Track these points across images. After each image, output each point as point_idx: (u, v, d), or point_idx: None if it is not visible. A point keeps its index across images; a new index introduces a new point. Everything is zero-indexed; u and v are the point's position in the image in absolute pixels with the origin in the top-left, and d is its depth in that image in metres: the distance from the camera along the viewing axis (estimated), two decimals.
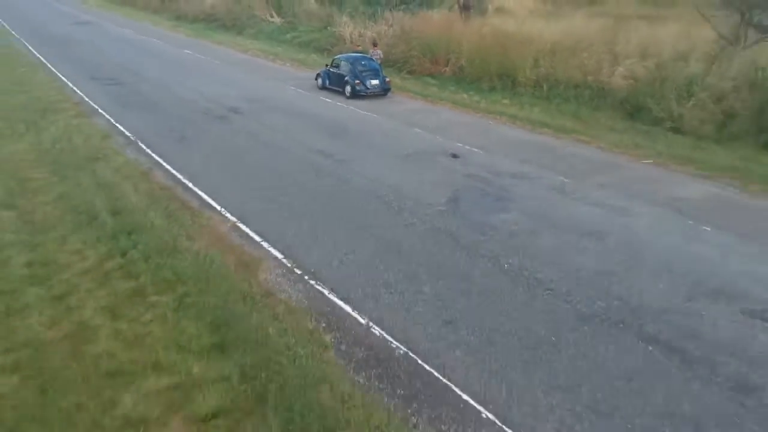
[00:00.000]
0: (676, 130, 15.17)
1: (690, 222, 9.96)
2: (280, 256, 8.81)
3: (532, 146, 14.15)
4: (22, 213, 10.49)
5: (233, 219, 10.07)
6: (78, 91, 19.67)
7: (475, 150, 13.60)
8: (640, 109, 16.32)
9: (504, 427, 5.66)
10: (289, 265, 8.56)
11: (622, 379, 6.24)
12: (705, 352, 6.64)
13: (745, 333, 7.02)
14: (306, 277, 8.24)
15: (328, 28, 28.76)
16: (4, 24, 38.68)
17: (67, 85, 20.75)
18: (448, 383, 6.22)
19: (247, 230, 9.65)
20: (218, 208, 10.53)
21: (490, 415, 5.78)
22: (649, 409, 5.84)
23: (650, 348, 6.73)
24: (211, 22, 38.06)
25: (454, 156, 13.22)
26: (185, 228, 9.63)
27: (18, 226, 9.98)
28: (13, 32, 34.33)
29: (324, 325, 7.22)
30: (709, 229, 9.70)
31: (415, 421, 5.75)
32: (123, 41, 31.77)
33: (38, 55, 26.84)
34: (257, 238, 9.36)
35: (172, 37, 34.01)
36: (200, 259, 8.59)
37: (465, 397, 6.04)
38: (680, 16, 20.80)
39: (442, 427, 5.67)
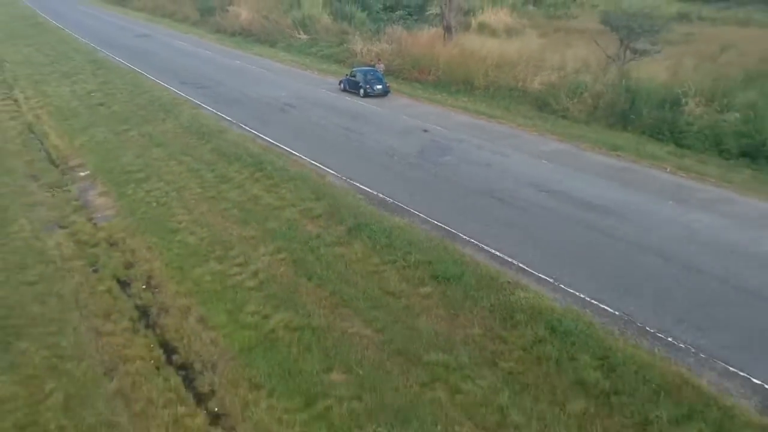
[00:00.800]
0: (564, 117, 24.96)
1: (540, 160, 19.77)
2: (333, 172, 18.70)
3: (472, 126, 23.96)
4: (194, 156, 20.42)
5: (307, 158, 19.95)
6: (180, 92, 29.59)
7: (438, 128, 23.42)
8: (546, 104, 26.11)
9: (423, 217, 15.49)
10: (339, 175, 18.45)
11: (474, 205, 16.04)
12: (514, 202, 16.43)
13: (536, 195, 16.79)
14: (348, 179, 18.11)
15: (343, 44, 38.66)
16: (79, 37, 48.68)
17: (169, 88, 30.66)
18: (402, 205, 16.03)
19: (316, 163, 19.54)
20: (297, 154, 20.42)
21: (419, 214, 15.58)
22: (485, 215, 15.64)
23: (491, 199, 16.53)
24: (248, 36, 47.95)
25: (425, 131, 23.05)
26: (285, 160, 19.55)
27: (195, 162, 19.90)
28: (97, 47, 44.21)
29: (360, 195, 17.06)
30: (547, 162, 19.51)
31: (389, 215, 15.55)
32: (184, 53, 41.70)
33: (130, 65, 36.76)
34: (322, 166, 19.24)
35: (219, 49, 43.85)
36: (298, 172, 18.49)
37: (410, 209, 15.83)
38: (588, 42, 30.57)
39: (399, 216, 15.50)
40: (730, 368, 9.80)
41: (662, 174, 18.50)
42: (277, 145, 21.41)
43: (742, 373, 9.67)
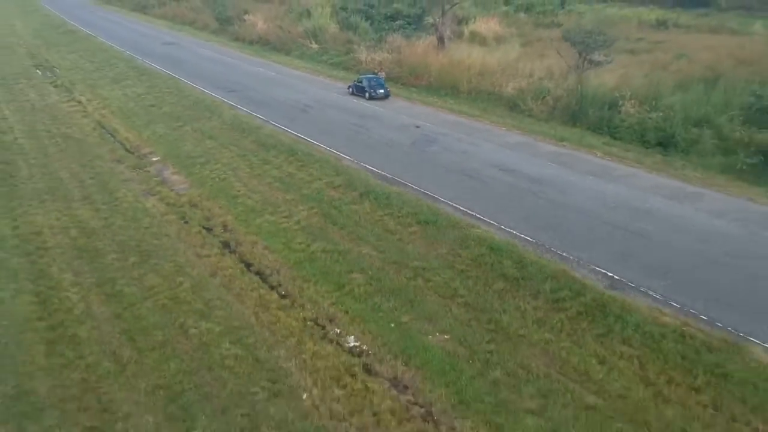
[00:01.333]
0: (529, 116, 31.33)
1: (504, 149, 26.15)
2: (347, 157, 25.12)
3: (455, 123, 30.33)
4: (239, 146, 26.86)
5: (326, 147, 26.36)
6: (216, 95, 36.02)
7: (428, 124, 29.80)
8: (516, 106, 32.48)
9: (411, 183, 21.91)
10: (351, 159, 24.87)
11: (450, 179, 22.42)
12: (479, 177, 22.80)
13: (496, 173, 23.16)
14: (359, 162, 24.51)
15: (350, 53, 45.08)
16: (114, 45, 55.17)
17: (206, 91, 37.11)
18: (398, 179, 22.44)
19: (333, 150, 25.97)
20: (319, 144, 26.84)
21: (410, 185, 21.98)
22: (453, 180, 22.04)
23: (463, 175, 22.91)
24: (265, 44, 54.37)
25: (417, 127, 29.44)
26: (311, 149, 26.00)
27: (241, 150, 26.33)
28: (133, 54, 50.67)
29: (367, 172, 23.43)
30: (509, 151, 25.89)
31: (388, 185, 21.95)
32: (211, 60, 48.14)
33: (167, 71, 43.20)
34: (338, 152, 25.66)
35: (241, 56, 50.28)
36: (321, 156, 24.92)
37: (403, 181, 22.22)
38: (555, 53, 36.88)
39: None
40: (598, 269, 16.18)
41: (593, 158, 24.89)
42: (302, 138, 27.85)
43: (600, 269, 16.06)
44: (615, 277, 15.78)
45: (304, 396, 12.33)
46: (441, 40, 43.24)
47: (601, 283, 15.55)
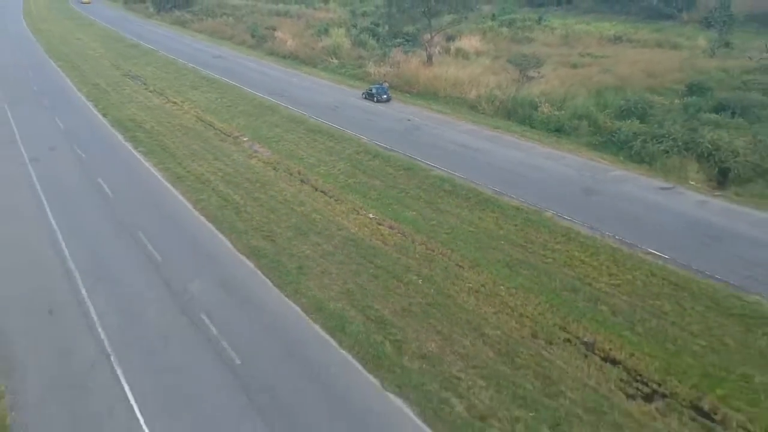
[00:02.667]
0: (483, 113, 48.11)
1: (461, 133, 42.92)
2: (365, 138, 41.96)
3: (434, 118, 47.13)
4: (297, 132, 43.78)
5: (351, 132, 43.18)
6: (271, 99, 52.91)
7: (416, 119, 46.62)
8: (474, 107, 49.29)
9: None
10: (367, 139, 41.71)
11: (425, 149, 39.22)
12: (444, 148, 39.58)
13: (453, 146, 39.90)
14: (372, 140, 41.33)
15: (362, 67, 61.99)
16: (177, 58, 72.19)
17: (263, 96, 53.97)
18: (395, 149, 39.29)
19: (356, 134, 42.81)
20: (346, 130, 43.74)
21: (402, 152, 38.84)
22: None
23: (434, 148, 39.70)
24: (294, 59, 71.34)
25: (408, 120, 46.28)
26: (342, 133, 42.92)
27: (298, 134, 43.24)
28: (196, 66, 67.59)
29: (378, 146, 40.23)
30: (464, 134, 42.72)
31: (390, 152, 38.80)
32: (256, 71, 65.07)
33: (228, 80, 60.10)
34: (359, 135, 42.50)
35: (278, 68, 67.20)
36: (349, 137, 41.79)
37: (398, 151, 39.05)
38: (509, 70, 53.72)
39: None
40: (492, 188, 32.93)
41: (513, 138, 41.63)
42: (335, 126, 44.66)
43: (493, 188, 32.87)
44: (498, 190, 32.48)
45: (353, 230, 29.00)
46: (429, 57, 60.26)
47: (491, 191, 32.29)
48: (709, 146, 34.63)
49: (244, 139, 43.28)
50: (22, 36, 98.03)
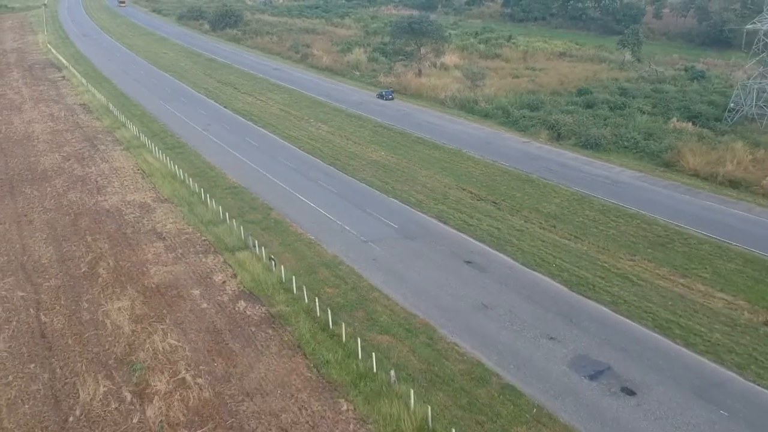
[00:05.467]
0: (448, 107, 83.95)
1: (434, 117, 78.72)
2: (380, 120, 77.83)
3: (419, 109, 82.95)
4: (339, 118, 79.97)
5: (372, 117, 79.11)
6: (320, 98, 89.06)
7: (408, 110, 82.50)
8: (443, 103, 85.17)
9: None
10: (380, 121, 77.59)
11: (413, 124, 75.13)
12: (423, 125, 75.41)
13: (427, 125, 75.67)
14: (383, 121, 77.20)
15: (375, 78, 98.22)
16: (249, 70, 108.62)
17: (315, 96, 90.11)
18: (396, 125, 75.32)
19: (374, 118, 78.78)
20: (370, 116, 79.71)
21: (399, 126, 74.80)
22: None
23: (417, 125, 75.52)
24: (329, 71, 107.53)
25: (404, 111, 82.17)
26: (366, 118, 78.97)
27: (342, 121, 79.44)
28: (265, 77, 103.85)
29: (385, 125, 76.17)
30: (435, 119, 78.56)
31: (394, 127, 74.77)
32: (305, 79, 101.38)
33: (288, 86, 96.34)
34: (376, 119, 78.43)
35: (318, 77, 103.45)
36: (370, 120, 77.86)
37: (398, 125, 75.02)
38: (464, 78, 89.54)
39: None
40: (439, 142, 68.79)
41: (460, 120, 77.39)
42: (361, 113, 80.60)
43: (441, 142, 68.78)
44: (445, 142, 67.96)
45: (373, 158, 64.67)
46: (419, 71, 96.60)
47: (441, 142, 67.91)
48: (553, 122, 70.32)
49: (311, 120, 79.05)
50: (116, 48, 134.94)
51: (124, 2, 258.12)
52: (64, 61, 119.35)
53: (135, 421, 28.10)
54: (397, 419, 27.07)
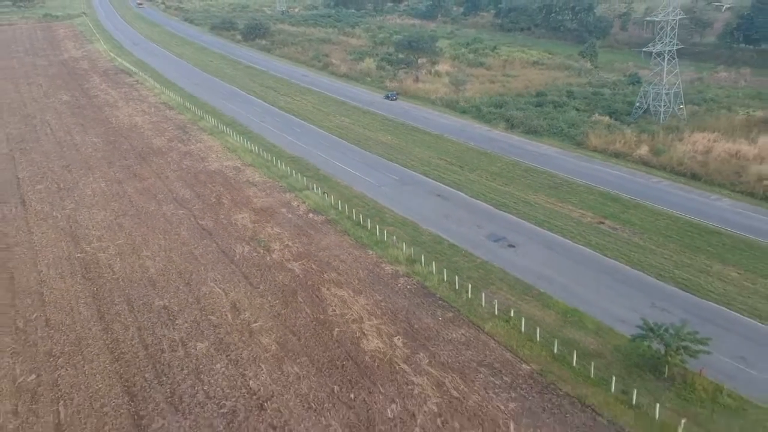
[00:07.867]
0: (439, 106, 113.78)
1: (425, 113, 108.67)
2: (386, 114, 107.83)
3: (415, 107, 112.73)
4: (357, 115, 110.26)
5: (381, 113, 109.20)
6: (341, 98, 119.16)
7: (408, 108, 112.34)
8: (434, 102, 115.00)
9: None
10: (387, 115, 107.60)
11: (409, 117, 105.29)
12: (418, 118, 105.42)
13: (420, 118, 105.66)
14: (389, 114, 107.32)
15: (383, 82, 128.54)
16: (282, 77, 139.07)
17: (337, 97, 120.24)
18: (398, 118, 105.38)
19: (382, 113, 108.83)
20: (378, 112, 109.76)
21: (400, 119, 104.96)
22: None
23: (412, 119, 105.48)
24: (346, 77, 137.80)
25: (405, 108, 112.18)
26: (376, 114, 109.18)
27: (361, 117, 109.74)
28: (304, 85, 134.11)
29: (389, 117, 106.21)
30: (426, 114, 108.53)
31: (397, 119, 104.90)
32: (327, 83, 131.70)
33: (317, 89, 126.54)
34: (384, 114, 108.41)
35: (338, 82, 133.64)
36: (379, 115, 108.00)
37: (400, 119, 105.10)
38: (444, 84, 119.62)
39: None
40: (428, 130, 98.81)
41: (446, 115, 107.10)
42: (373, 110, 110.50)
43: (430, 130, 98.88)
44: (432, 129, 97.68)
45: (382, 140, 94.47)
46: (416, 78, 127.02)
47: (430, 130, 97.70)
48: (509, 116, 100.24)
49: (336, 115, 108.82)
50: (166, 56, 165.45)
51: (142, 3, 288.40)
52: (131, 68, 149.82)
53: (267, 260, 58.25)
54: (396, 256, 57.15)
